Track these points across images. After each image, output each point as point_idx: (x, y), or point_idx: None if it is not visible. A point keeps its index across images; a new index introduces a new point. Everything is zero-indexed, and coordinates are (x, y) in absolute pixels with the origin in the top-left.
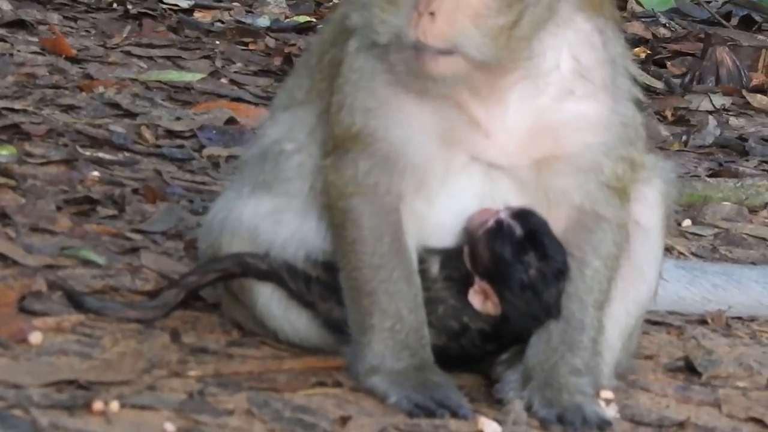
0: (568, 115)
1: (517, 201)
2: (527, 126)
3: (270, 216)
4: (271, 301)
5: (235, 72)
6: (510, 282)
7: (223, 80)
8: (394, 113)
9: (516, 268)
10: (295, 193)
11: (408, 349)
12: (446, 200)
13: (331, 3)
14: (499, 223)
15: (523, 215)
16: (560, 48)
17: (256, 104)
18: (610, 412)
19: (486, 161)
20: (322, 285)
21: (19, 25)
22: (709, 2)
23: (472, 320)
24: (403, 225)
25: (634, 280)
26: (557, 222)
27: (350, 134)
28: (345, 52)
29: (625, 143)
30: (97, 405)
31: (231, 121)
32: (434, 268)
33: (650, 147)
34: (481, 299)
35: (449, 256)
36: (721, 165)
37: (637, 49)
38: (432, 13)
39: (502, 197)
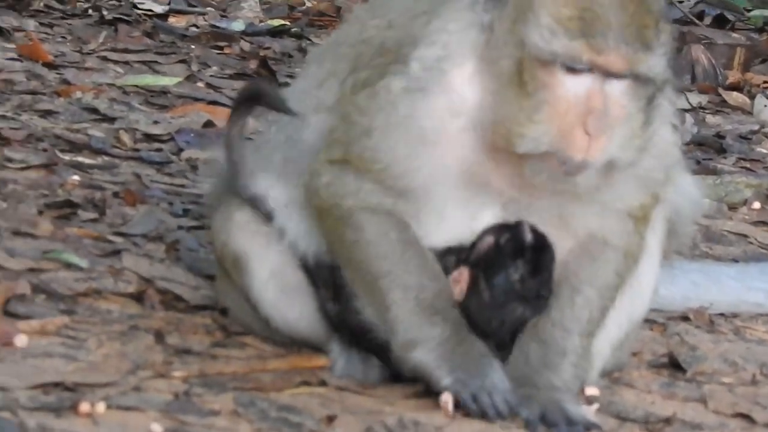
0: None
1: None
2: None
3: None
4: (267, 286)
5: (211, 76)
6: (491, 271)
7: (199, 84)
8: (421, 163)
9: (505, 262)
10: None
11: (439, 314)
12: (459, 221)
13: (304, 6)
14: (517, 223)
15: (539, 236)
16: None
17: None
18: (593, 409)
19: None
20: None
21: None
22: (681, 2)
23: None
24: (411, 228)
25: (631, 295)
26: (563, 242)
27: (371, 167)
28: (388, 87)
29: (659, 170)
30: (84, 406)
31: (208, 124)
32: None
33: None
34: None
35: (451, 251)
36: (699, 163)
37: None
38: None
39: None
